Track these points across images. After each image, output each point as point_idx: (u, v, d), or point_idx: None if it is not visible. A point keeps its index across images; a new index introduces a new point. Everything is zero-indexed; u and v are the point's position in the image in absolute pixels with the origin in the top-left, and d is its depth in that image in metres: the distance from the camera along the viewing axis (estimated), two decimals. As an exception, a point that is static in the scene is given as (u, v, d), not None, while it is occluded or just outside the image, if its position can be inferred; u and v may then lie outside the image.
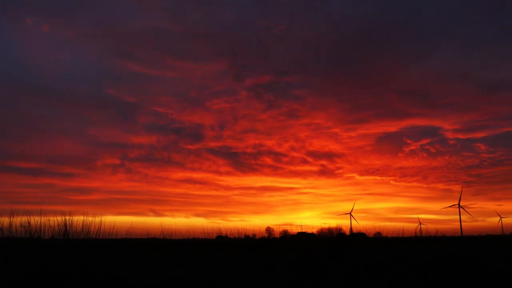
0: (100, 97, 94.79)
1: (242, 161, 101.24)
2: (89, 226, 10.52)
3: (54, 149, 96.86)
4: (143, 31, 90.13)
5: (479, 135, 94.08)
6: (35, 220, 10.08)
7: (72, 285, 7.83)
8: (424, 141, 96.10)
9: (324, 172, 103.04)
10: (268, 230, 43.12)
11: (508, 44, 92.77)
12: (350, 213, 71.00)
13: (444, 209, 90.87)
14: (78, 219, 10.46)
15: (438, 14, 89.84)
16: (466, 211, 67.11)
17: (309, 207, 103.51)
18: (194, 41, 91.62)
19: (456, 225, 68.46)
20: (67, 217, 10.34)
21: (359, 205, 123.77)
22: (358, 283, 10.25)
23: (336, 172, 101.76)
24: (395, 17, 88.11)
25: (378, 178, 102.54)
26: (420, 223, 60.23)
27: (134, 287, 8.59)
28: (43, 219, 10.17)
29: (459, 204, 67.43)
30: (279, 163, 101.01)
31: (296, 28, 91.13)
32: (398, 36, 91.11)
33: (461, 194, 70.28)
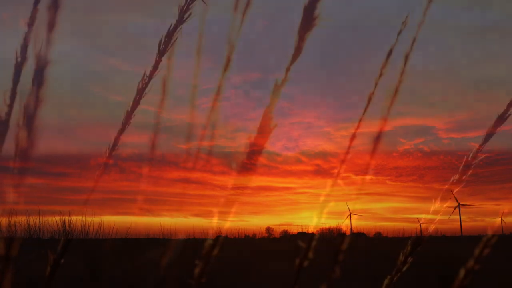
0: (87, 96, 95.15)
1: (236, 161, 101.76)
2: (88, 226, 10.51)
3: (46, 149, 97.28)
4: (128, 27, 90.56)
5: (473, 134, 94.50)
6: (34, 220, 10.07)
7: (72, 285, 7.80)
8: (417, 140, 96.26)
9: (319, 172, 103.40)
10: (268, 230, 43.16)
11: (502, 40, 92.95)
12: (350, 214, 71.09)
13: (444, 209, 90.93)
14: (76, 219, 10.45)
15: (428, 9, 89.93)
16: (469, 205, 67.16)
17: (308, 207, 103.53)
18: (178, 37, 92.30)
19: (456, 225, 68.54)
20: (66, 217, 10.34)
21: (359, 205, 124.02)
22: (358, 283, 10.24)
23: (332, 171, 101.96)
24: (385, 12, 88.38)
25: (374, 177, 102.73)
26: (421, 223, 60.29)
27: (134, 287, 8.57)
28: (42, 219, 10.17)
29: (459, 204, 67.52)
30: (273, 163, 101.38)
31: (281, 24, 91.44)
32: (388, 32, 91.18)
33: (454, 195, 69.99)
